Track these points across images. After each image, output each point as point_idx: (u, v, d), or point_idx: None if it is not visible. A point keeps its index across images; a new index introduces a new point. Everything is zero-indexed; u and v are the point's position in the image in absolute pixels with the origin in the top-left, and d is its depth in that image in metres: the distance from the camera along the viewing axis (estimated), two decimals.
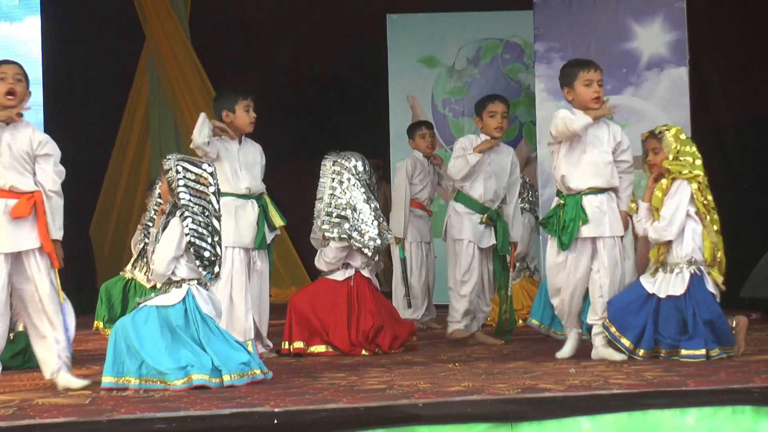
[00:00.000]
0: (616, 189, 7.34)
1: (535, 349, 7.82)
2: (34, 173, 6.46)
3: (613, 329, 7.06)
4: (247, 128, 8.10)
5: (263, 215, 8.01)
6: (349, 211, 8.16)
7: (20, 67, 6.60)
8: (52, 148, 6.53)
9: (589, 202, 7.23)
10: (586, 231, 7.20)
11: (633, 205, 8.62)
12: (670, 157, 7.10)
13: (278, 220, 8.10)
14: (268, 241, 8.05)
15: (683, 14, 10.62)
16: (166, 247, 6.43)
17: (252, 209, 7.97)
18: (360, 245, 8.13)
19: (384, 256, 8.61)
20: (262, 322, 8.07)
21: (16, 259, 6.40)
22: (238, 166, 8.00)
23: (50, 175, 6.49)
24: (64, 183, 6.57)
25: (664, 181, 7.14)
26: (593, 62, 7.42)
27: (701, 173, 7.12)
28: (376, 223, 8.17)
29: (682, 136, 7.18)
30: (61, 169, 6.57)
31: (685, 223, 7.06)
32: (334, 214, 8.18)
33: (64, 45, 13.70)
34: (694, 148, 7.17)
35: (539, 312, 8.71)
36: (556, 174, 7.35)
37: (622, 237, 7.36)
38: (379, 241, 8.14)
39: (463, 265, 8.40)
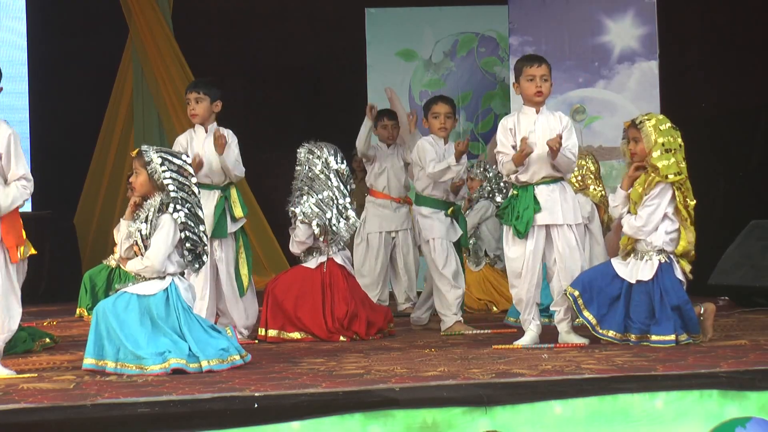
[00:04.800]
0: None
1: (509, 336, 7.92)
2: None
3: (580, 301, 7.16)
4: (192, 120, 8.30)
5: (222, 205, 8.13)
6: (306, 188, 8.26)
7: None
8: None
9: (541, 191, 7.35)
10: (540, 218, 7.31)
11: (595, 192, 8.74)
12: (658, 152, 7.09)
13: (239, 211, 8.19)
14: (230, 231, 8.15)
15: (654, 9, 10.75)
16: (162, 244, 6.49)
17: (212, 199, 8.08)
18: (307, 220, 8.22)
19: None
20: (233, 310, 8.19)
21: None
22: (202, 157, 8.11)
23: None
24: (49, 173, 6.57)
25: (646, 177, 7.15)
26: (538, 57, 7.54)
27: (683, 163, 7.15)
28: (332, 205, 8.23)
29: (663, 126, 7.14)
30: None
31: (660, 223, 7.17)
32: (296, 194, 8.30)
33: (49, 37, 13.73)
34: (677, 135, 7.17)
35: (516, 311, 8.71)
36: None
37: (585, 224, 7.47)
38: (322, 219, 8.21)
39: (441, 260, 8.50)
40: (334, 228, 8.24)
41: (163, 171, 6.55)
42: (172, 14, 13.84)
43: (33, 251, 6.72)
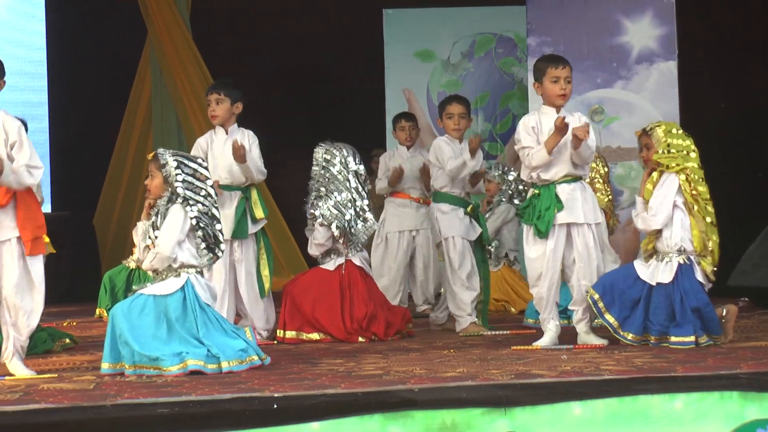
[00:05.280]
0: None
1: (528, 337, 7.91)
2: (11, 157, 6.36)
3: (600, 304, 7.17)
4: (212, 122, 8.32)
5: (243, 206, 8.14)
6: (324, 191, 8.27)
7: None
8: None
9: (563, 190, 7.35)
10: (561, 217, 7.31)
11: (602, 197, 8.75)
12: (660, 151, 7.20)
13: (260, 212, 8.21)
14: (251, 232, 8.18)
15: (672, 9, 10.73)
16: (170, 230, 6.50)
17: (232, 200, 8.10)
18: (326, 222, 8.24)
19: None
20: (253, 311, 8.21)
21: None
22: (221, 158, 8.13)
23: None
24: (68, 174, 6.56)
25: (654, 175, 7.25)
26: (562, 59, 7.53)
27: (695, 165, 7.20)
28: (351, 207, 8.25)
29: (674, 131, 7.26)
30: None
31: (672, 214, 7.17)
32: (313, 195, 8.32)
33: (68, 38, 13.77)
34: (689, 142, 7.23)
35: (533, 312, 8.70)
36: (532, 170, 7.48)
37: (597, 224, 7.48)
38: (341, 221, 8.22)
39: (457, 260, 8.52)
40: (352, 230, 8.25)
41: (177, 174, 6.58)
42: (189, 15, 13.88)
43: (52, 250, 6.69)
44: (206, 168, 6.75)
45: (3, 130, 6.39)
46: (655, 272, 7.15)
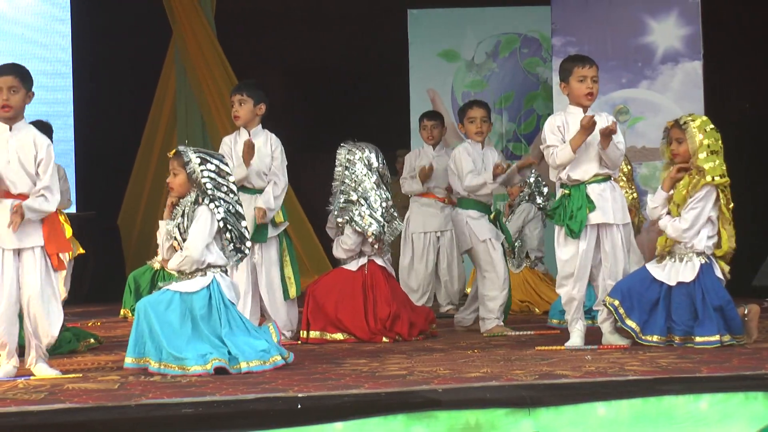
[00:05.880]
0: (616, 179, 7.50)
1: (552, 338, 7.90)
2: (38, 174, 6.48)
3: (621, 310, 7.14)
4: (235, 122, 8.35)
5: None
6: (354, 196, 8.25)
7: (15, 75, 6.51)
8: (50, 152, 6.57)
9: (593, 190, 7.32)
10: (593, 218, 7.29)
11: (626, 195, 8.76)
12: (704, 154, 7.07)
13: (279, 217, 8.23)
14: (271, 235, 8.19)
15: (697, 9, 10.70)
16: (199, 234, 6.53)
17: (252, 204, 8.10)
18: (360, 229, 8.23)
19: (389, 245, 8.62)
20: (275, 313, 8.22)
21: (19, 255, 6.48)
22: (245, 162, 8.14)
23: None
24: (93, 174, 6.60)
25: (692, 181, 7.11)
26: (589, 58, 7.51)
27: (725, 167, 7.14)
28: (381, 210, 8.26)
29: (708, 128, 7.14)
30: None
31: (703, 226, 7.14)
32: (342, 200, 8.31)
33: (93, 39, 13.83)
34: (720, 140, 7.14)
35: (557, 312, 8.68)
36: (557, 168, 7.45)
37: (625, 225, 7.45)
38: (377, 228, 8.21)
39: (501, 261, 8.52)
40: (383, 235, 8.25)
41: (202, 171, 6.59)
42: (214, 15, 13.91)
43: (81, 250, 6.72)
44: (227, 164, 6.77)
45: (33, 146, 6.49)
46: (673, 272, 7.11)
